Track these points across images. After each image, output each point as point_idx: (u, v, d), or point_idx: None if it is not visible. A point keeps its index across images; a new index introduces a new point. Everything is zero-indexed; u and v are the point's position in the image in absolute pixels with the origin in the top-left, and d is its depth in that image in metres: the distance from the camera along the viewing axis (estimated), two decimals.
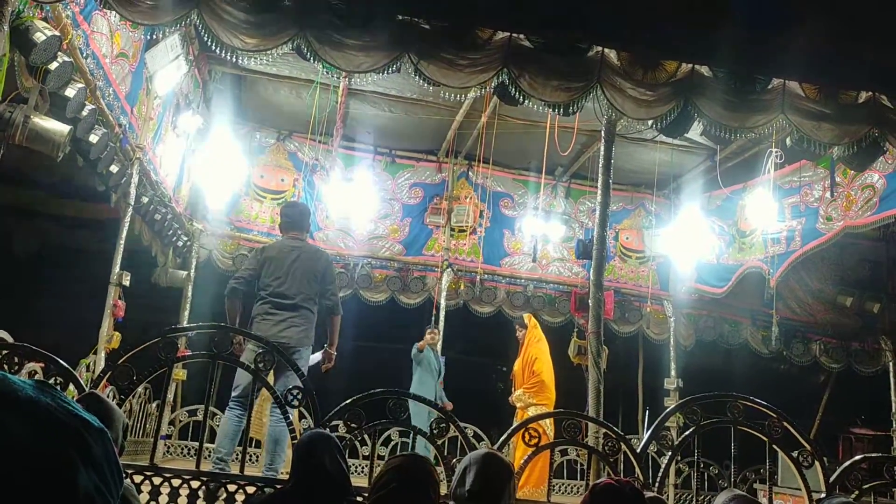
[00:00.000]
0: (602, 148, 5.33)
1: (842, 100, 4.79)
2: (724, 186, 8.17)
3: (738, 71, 4.75)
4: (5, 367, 3.62)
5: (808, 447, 4.27)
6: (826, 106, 4.76)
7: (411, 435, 7.87)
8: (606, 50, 4.65)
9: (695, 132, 5.72)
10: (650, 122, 4.95)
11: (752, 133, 4.97)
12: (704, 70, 4.73)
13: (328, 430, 3.81)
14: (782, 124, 4.88)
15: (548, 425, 6.21)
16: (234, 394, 5.30)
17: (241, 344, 5.17)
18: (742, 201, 8.92)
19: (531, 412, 7.42)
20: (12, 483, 0.75)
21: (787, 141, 5.30)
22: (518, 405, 7.79)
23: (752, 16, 4.58)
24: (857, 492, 4.16)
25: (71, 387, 3.82)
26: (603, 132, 5.36)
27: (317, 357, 7.94)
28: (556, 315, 10.09)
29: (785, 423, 4.28)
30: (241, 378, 5.22)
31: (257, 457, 7.23)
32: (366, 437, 6.50)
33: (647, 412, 9.64)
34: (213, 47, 4.40)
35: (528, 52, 4.57)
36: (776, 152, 6.67)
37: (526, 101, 4.65)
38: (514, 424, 7.78)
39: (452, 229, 9.98)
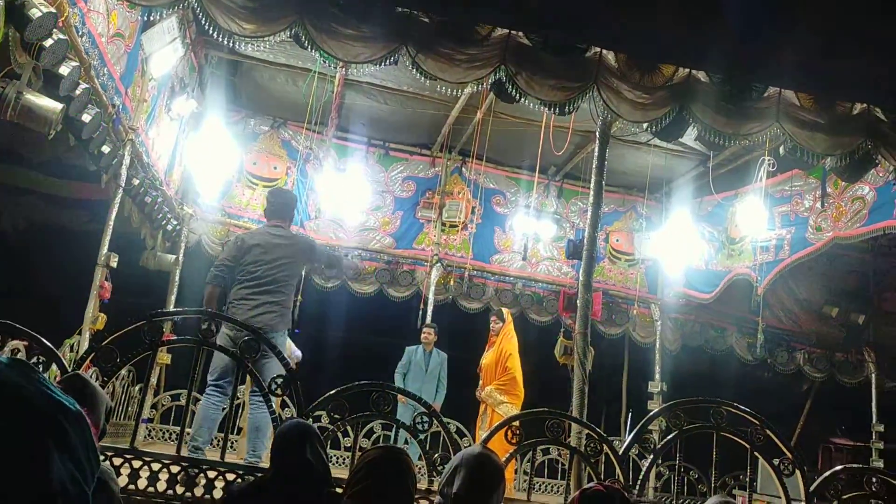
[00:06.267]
0: (596, 149, 5.34)
1: (837, 110, 4.82)
2: (715, 192, 8.19)
3: (734, 78, 4.76)
4: None
5: (790, 455, 4.29)
6: (821, 116, 4.79)
7: (394, 428, 7.89)
8: (604, 51, 4.65)
9: (689, 137, 5.73)
10: (645, 126, 4.96)
11: (746, 140, 4.99)
12: (701, 75, 4.75)
13: (311, 420, 3.81)
14: (776, 133, 4.89)
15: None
16: (210, 379, 5.27)
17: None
18: (733, 208, 8.94)
19: (501, 409, 7.38)
20: None
21: (781, 150, 5.32)
22: (488, 401, 7.71)
23: (750, 24, 4.59)
24: (836, 502, 4.20)
25: (54, 367, 3.79)
26: (598, 133, 5.37)
27: (298, 354, 7.93)
28: (544, 314, 10.09)
29: (767, 431, 4.30)
30: (219, 363, 5.20)
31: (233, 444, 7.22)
32: (348, 428, 6.53)
33: (630, 414, 9.66)
34: (211, 31, 4.38)
35: (527, 50, 4.57)
36: (769, 160, 6.69)
37: (522, 99, 4.65)
38: (480, 421, 7.84)
39: (444, 224, 9.97)
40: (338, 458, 8.31)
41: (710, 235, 9.47)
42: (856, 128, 4.82)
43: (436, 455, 4.16)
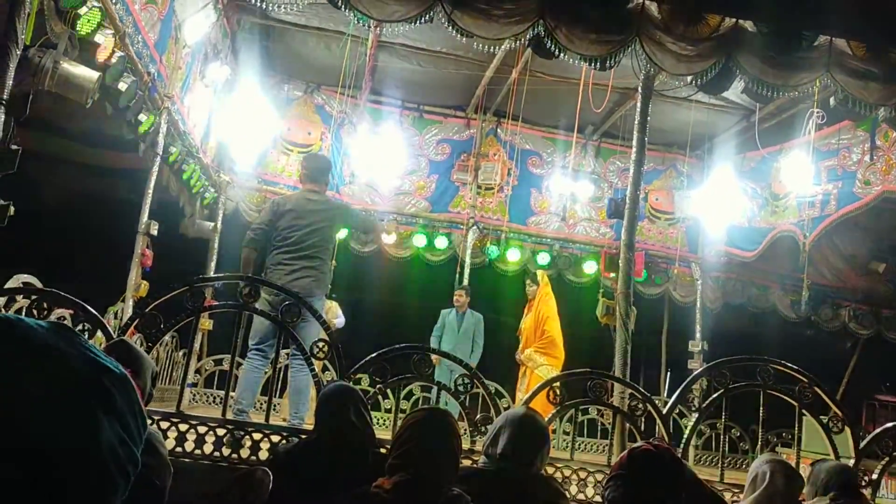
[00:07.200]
0: (638, 104, 5.20)
1: (891, 58, 4.61)
2: (760, 147, 7.97)
3: (782, 27, 4.57)
4: (34, 312, 3.64)
5: (839, 413, 4.21)
6: (874, 64, 4.59)
7: (433, 390, 7.93)
8: (647, 1, 4.49)
9: (732, 91, 5.57)
10: (689, 79, 4.81)
11: (795, 91, 4.81)
12: (748, 25, 4.57)
13: (352, 383, 3.81)
14: (826, 83, 4.72)
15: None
16: (251, 343, 5.32)
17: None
18: (777, 163, 8.72)
19: (541, 371, 7.39)
20: (27, 441, 0.70)
21: (831, 101, 5.13)
22: (528, 364, 7.74)
23: None
24: (887, 458, 4.12)
25: (99, 333, 3.84)
26: (640, 88, 5.22)
27: (341, 321, 7.96)
28: (581, 275, 10.00)
29: (816, 389, 4.22)
30: (259, 327, 5.24)
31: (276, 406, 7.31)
32: (388, 391, 6.56)
33: (669, 374, 9.59)
34: None
35: (566, 3, 4.43)
36: (818, 112, 6.48)
37: (562, 55, 4.53)
38: (520, 383, 7.86)
39: (479, 187, 9.89)
40: (378, 421, 8.39)
41: (753, 192, 9.26)
42: None
43: (478, 416, 4.15)
